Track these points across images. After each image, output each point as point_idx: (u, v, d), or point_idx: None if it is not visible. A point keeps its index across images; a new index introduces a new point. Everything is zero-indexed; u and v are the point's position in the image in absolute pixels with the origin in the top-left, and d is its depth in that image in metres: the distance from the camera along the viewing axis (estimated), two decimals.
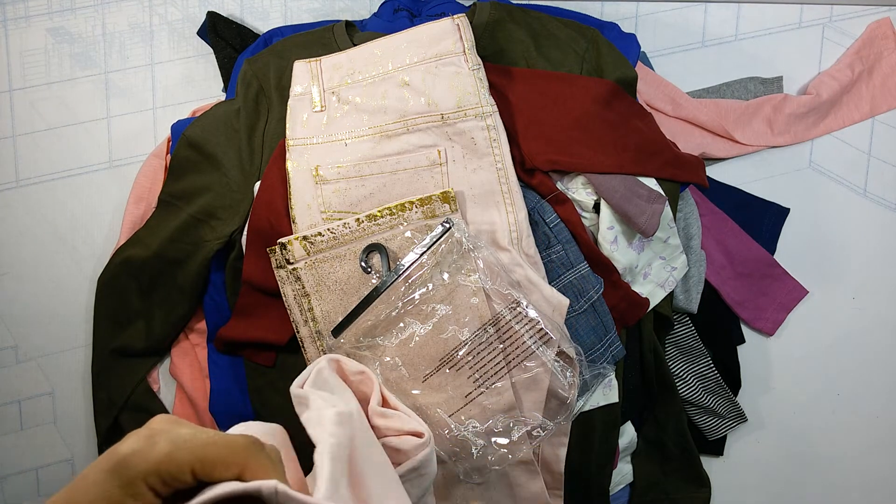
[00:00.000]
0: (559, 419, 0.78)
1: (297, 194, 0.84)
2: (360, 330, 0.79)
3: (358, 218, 0.81)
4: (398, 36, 0.85)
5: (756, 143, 1.04)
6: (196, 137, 0.90)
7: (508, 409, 0.77)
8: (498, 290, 0.78)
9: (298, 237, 0.82)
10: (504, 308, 0.78)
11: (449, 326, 0.78)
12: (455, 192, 0.81)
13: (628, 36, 0.95)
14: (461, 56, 0.83)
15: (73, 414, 1.03)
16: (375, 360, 0.78)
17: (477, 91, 0.83)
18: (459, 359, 0.77)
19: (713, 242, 1.03)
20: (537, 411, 0.77)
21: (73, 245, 1.02)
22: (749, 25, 1.04)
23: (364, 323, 0.79)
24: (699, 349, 1.02)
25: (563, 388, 0.78)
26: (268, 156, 0.88)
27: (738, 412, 1.04)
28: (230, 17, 1.01)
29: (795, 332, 1.07)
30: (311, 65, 0.87)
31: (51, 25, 1.01)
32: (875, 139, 1.06)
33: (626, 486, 1.00)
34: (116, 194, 1.02)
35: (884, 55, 1.05)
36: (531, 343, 0.77)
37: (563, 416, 0.78)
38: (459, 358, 0.77)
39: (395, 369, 0.78)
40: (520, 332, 0.77)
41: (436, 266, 0.79)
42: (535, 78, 0.87)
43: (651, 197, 0.86)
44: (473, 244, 0.79)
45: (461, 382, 0.77)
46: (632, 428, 0.97)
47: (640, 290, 0.90)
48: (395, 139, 0.83)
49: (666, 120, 1.02)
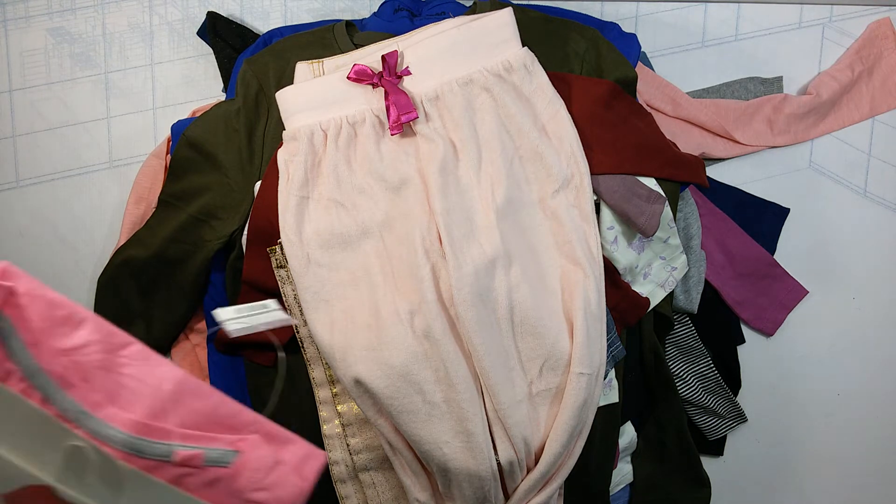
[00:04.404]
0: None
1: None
2: None
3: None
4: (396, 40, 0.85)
5: (756, 143, 1.04)
6: (196, 137, 0.90)
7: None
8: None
9: None
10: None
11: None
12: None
13: (628, 36, 0.95)
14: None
15: None
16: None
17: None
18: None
19: (713, 242, 1.03)
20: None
21: (73, 245, 1.02)
22: (749, 25, 1.04)
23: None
24: (699, 349, 1.02)
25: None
26: (268, 156, 0.88)
27: (738, 412, 1.04)
28: (230, 17, 1.01)
29: (795, 332, 1.07)
30: (314, 66, 0.86)
31: (51, 25, 1.01)
32: (875, 139, 1.06)
33: (626, 486, 1.00)
34: (116, 194, 1.02)
35: (884, 55, 1.05)
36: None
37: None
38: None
39: None
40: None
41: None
42: None
43: (651, 197, 0.86)
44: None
45: None
46: (632, 428, 0.97)
47: (641, 290, 0.90)
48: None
49: (666, 120, 1.02)
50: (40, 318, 0.51)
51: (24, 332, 0.51)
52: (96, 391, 0.52)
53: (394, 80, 0.81)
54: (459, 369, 0.76)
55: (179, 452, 0.51)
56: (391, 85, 0.81)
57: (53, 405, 0.50)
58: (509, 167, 0.81)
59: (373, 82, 0.81)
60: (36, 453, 0.48)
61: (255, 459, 0.52)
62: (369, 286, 0.80)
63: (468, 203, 0.81)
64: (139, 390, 0.52)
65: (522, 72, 0.83)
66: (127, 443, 0.51)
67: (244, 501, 0.52)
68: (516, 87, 0.83)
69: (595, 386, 0.80)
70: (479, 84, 0.82)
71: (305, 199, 0.82)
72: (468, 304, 0.76)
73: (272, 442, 0.53)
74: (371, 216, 0.81)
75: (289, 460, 0.53)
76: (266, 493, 0.52)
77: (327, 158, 0.82)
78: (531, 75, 0.84)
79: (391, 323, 0.77)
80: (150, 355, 0.53)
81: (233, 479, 0.52)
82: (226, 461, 0.52)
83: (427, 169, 0.80)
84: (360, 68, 0.81)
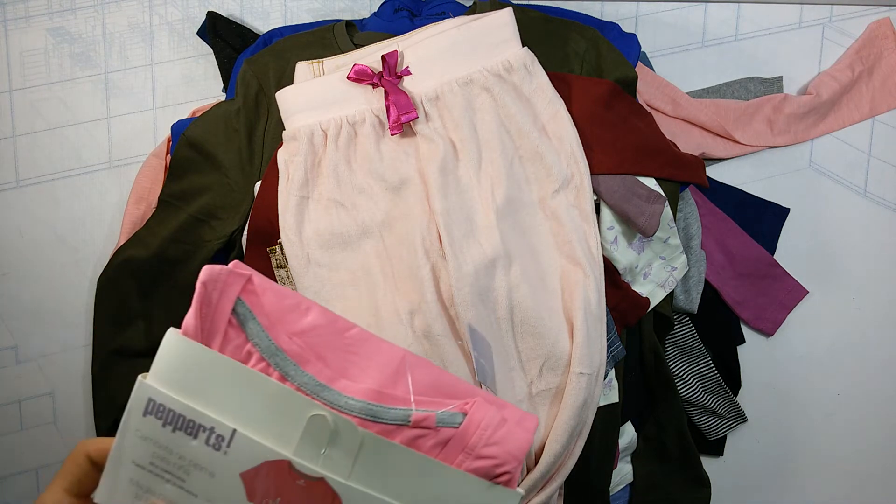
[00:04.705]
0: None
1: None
2: None
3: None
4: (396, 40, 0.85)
5: (756, 143, 1.04)
6: (196, 137, 0.90)
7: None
8: None
9: None
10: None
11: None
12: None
13: (628, 36, 0.95)
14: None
15: (73, 414, 1.03)
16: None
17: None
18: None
19: (713, 242, 1.03)
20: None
21: (73, 245, 1.02)
22: (749, 25, 1.04)
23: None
24: (699, 349, 1.02)
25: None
26: (268, 156, 0.88)
27: (738, 412, 1.04)
28: (230, 17, 1.01)
29: (795, 332, 1.07)
30: (314, 66, 0.86)
31: (51, 25, 1.01)
32: (875, 139, 1.06)
33: (626, 486, 1.00)
34: (116, 194, 1.02)
35: (884, 55, 1.05)
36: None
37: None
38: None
39: None
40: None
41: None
42: None
43: (651, 197, 0.86)
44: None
45: None
46: (632, 428, 0.97)
47: (641, 290, 0.90)
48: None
49: (666, 120, 1.02)
50: (272, 306, 0.55)
51: (260, 318, 0.54)
52: (329, 367, 0.55)
53: (394, 80, 0.81)
54: (459, 369, 0.76)
55: (415, 414, 0.54)
56: (391, 85, 0.81)
57: (292, 382, 0.54)
58: (509, 167, 0.81)
59: (373, 82, 0.81)
60: (277, 430, 0.50)
61: (482, 418, 0.55)
62: (369, 286, 0.80)
63: (468, 203, 0.81)
64: (367, 366, 0.56)
65: (522, 72, 0.83)
66: (364, 409, 0.54)
67: (476, 457, 0.55)
68: (516, 87, 0.83)
69: (595, 386, 0.80)
70: (479, 84, 0.82)
71: (305, 199, 0.82)
72: (468, 304, 0.76)
73: (492, 404, 0.56)
74: (371, 216, 0.81)
75: (511, 417, 0.56)
76: (496, 447, 0.55)
77: (327, 158, 0.82)
78: (531, 75, 0.84)
79: (391, 323, 0.77)
80: (370, 336, 0.56)
81: (463, 438, 0.55)
82: (455, 421, 0.55)
83: (427, 169, 0.80)
84: (360, 68, 0.81)
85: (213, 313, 0.53)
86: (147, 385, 0.50)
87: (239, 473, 0.50)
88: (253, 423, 0.50)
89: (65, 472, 0.50)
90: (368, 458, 0.51)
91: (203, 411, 0.49)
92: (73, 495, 0.50)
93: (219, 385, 0.50)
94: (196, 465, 0.50)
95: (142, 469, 0.50)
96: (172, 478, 0.50)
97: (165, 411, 0.49)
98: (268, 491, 0.51)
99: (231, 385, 0.50)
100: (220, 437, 0.50)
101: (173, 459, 0.50)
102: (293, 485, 0.51)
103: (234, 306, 0.54)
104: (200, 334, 0.52)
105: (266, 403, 0.51)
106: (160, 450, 0.50)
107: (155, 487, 0.50)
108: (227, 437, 0.50)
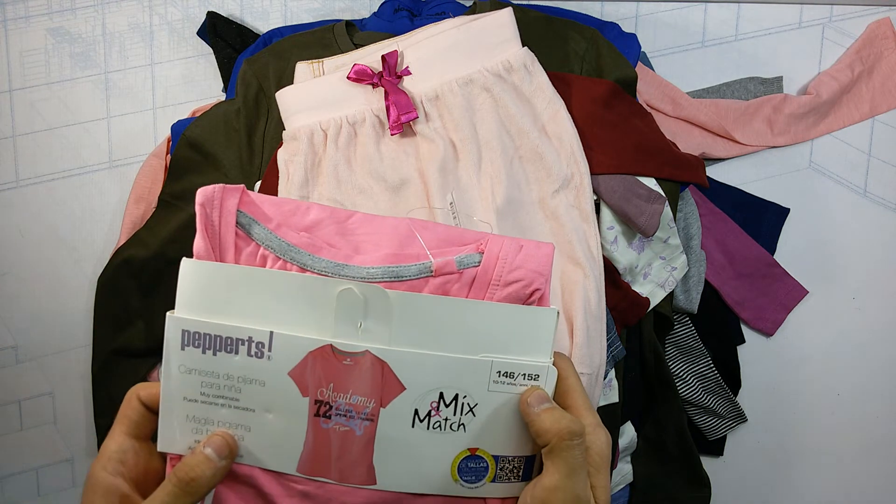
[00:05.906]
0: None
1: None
2: None
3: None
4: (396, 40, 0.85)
5: (756, 143, 1.04)
6: (196, 137, 0.90)
7: None
8: None
9: None
10: None
11: None
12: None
13: (628, 36, 0.95)
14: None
15: (73, 414, 1.03)
16: None
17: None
18: None
19: (713, 242, 1.03)
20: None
21: (73, 245, 1.02)
22: (749, 25, 1.04)
23: None
24: (699, 349, 1.02)
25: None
26: (268, 156, 0.88)
27: (738, 412, 1.04)
28: (230, 17, 1.01)
29: (795, 332, 1.07)
30: (314, 66, 0.87)
31: (51, 25, 1.01)
32: (875, 139, 1.06)
33: (626, 486, 1.00)
34: (116, 194, 1.02)
35: (884, 55, 1.05)
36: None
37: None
38: None
39: None
40: None
41: None
42: None
43: (650, 197, 0.86)
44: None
45: None
46: (632, 428, 0.97)
47: (641, 290, 0.90)
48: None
49: (666, 120, 1.02)
50: (273, 212, 0.57)
51: (264, 223, 0.56)
52: (343, 250, 0.57)
53: (394, 80, 0.81)
54: None
55: (435, 263, 0.56)
56: (391, 85, 0.81)
57: (312, 270, 0.55)
58: (509, 167, 0.81)
59: (373, 82, 0.81)
60: (311, 319, 0.51)
61: (499, 249, 0.57)
62: None
63: (468, 203, 0.81)
64: (376, 240, 0.57)
65: (522, 72, 0.83)
66: (387, 272, 0.56)
67: (504, 285, 0.56)
68: (516, 87, 0.83)
69: (595, 386, 0.80)
70: (479, 84, 0.82)
71: (305, 199, 0.82)
72: None
73: (505, 237, 0.59)
74: None
75: (526, 244, 0.58)
76: (520, 270, 0.56)
77: (327, 158, 0.82)
78: (531, 75, 0.84)
79: None
80: (373, 217, 0.58)
81: (486, 273, 0.57)
82: (475, 261, 0.57)
83: (427, 169, 0.80)
84: (359, 68, 0.81)
85: (218, 230, 0.54)
86: (177, 318, 0.50)
87: (287, 373, 0.51)
88: (286, 320, 0.51)
89: (122, 418, 0.51)
90: (403, 318, 0.52)
91: (236, 325, 0.50)
92: (134, 437, 0.51)
93: (243, 295, 0.51)
94: (245, 380, 0.51)
95: (194, 403, 0.51)
96: (226, 400, 0.51)
97: (201, 337, 0.50)
98: (319, 381, 0.51)
99: (255, 291, 0.51)
100: (259, 345, 0.50)
101: (222, 382, 0.51)
102: (340, 366, 0.52)
103: (236, 218, 0.54)
104: (213, 253, 0.53)
105: (293, 297, 0.51)
106: (207, 377, 0.51)
107: (212, 416, 0.51)
108: (266, 342, 0.50)
